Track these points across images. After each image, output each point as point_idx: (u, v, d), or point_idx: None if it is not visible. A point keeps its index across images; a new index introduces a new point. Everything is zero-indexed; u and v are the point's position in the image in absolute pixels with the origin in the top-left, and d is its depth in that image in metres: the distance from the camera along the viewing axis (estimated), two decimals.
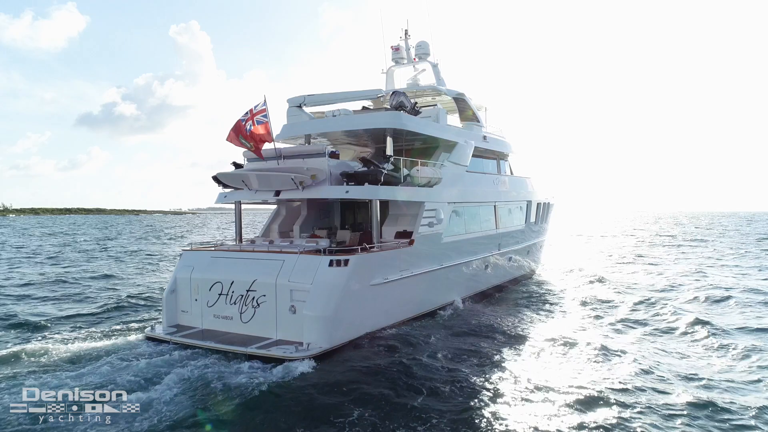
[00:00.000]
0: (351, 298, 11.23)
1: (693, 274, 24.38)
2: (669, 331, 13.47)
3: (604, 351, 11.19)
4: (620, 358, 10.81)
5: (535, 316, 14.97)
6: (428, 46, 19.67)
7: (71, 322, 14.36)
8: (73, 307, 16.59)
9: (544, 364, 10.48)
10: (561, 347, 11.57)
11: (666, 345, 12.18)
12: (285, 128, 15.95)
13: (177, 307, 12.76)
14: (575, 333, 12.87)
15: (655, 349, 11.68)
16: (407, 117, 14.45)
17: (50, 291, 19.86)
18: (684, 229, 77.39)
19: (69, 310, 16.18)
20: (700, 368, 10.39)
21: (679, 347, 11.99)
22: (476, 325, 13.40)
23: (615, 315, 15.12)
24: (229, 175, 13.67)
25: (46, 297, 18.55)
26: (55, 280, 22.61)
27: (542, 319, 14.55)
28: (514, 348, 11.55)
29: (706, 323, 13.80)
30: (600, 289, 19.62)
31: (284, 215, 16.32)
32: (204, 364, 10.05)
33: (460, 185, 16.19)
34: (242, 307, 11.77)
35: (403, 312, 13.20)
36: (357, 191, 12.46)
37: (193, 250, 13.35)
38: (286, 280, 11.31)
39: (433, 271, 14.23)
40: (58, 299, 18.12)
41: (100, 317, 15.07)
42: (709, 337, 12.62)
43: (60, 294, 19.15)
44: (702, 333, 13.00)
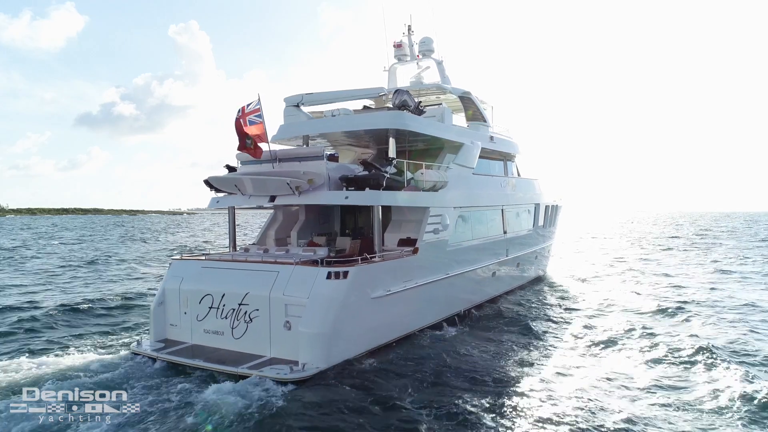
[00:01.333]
0: (350, 312, 10.40)
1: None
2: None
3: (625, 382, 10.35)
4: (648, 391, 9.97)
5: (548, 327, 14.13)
6: (432, 42, 18.88)
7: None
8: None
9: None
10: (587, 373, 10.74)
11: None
12: (282, 129, 15.13)
13: (165, 321, 11.96)
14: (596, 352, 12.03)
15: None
16: (411, 117, 13.63)
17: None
18: (699, 229, 76.44)
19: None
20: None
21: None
22: (478, 346, 12.54)
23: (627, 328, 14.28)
24: (221, 179, 12.85)
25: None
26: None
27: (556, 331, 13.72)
28: (526, 374, 10.72)
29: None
30: (613, 297, 18.76)
31: (281, 220, 15.50)
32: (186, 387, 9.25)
33: (466, 189, 15.35)
34: (234, 322, 10.95)
35: (407, 325, 12.37)
36: (357, 197, 11.63)
37: (182, 260, 12.53)
38: (280, 294, 10.48)
39: (438, 281, 13.39)
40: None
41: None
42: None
43: None
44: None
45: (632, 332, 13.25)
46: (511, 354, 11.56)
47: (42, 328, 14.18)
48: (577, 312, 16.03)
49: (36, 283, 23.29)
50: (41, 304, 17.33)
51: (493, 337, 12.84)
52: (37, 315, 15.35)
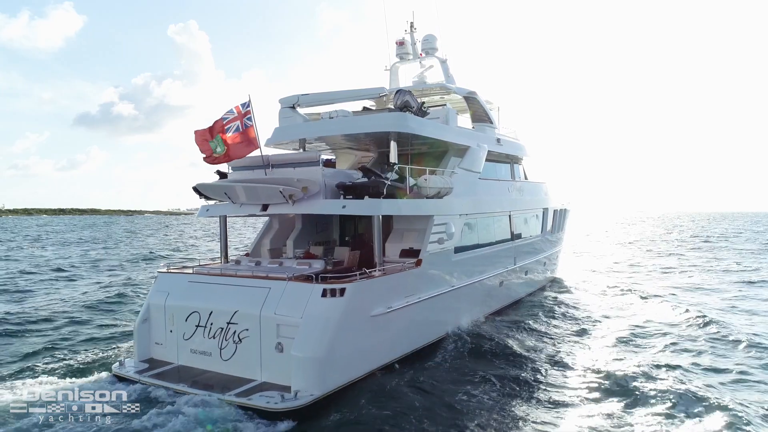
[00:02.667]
0: (348, 334, 9.52)
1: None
2: None
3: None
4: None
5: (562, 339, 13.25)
6: (436, 40, 18.00)
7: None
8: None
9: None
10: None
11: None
12: (276, 132, 14.27)
13: (150, 339, 11.13)
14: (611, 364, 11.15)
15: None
16: (413, 119, 12.76)
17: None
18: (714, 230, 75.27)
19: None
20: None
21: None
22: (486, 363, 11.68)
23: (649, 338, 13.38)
24: (210, 186, 11.99)
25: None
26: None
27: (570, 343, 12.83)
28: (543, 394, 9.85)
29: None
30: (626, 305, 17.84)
31: (276, 228, 14.63)
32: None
33: (472, 194, 14.47)
34: (222, 342, 10.11)
35: (410, 343, 11.49)
36: (355, 206, 10.76)
37: (169, 273, 11.67)
38: (271, 312, 9.63)
39: (443, 294, 12.51)
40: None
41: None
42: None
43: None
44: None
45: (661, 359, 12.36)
46: (526, 376, 10.70)
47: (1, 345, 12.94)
48: (590, 324, 15.14)
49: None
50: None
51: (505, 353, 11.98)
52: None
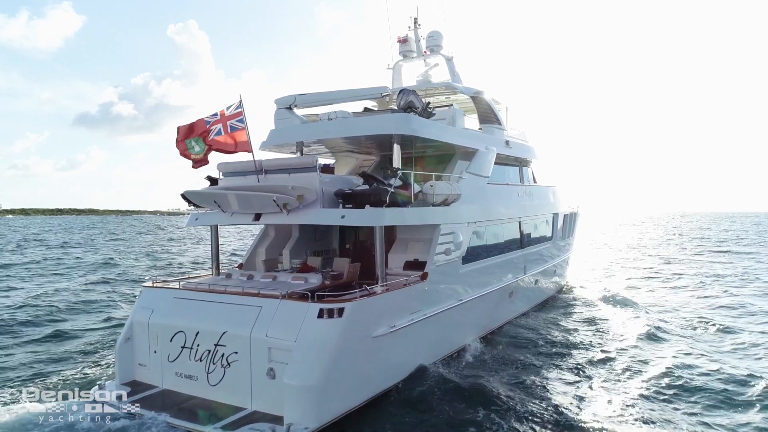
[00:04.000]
0: (347, 358, 8.62)
1: None
2: None
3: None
4: None
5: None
6: (441, 36, 17.08)
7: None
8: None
9: None
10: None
11: None
12: (272, 134, 13.38)
13: (133, 360, 10.26)
14: None
15: None
16: (418, 120, 11.87)
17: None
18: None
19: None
20: None
21: None
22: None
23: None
24: (199, 193, 11.09)
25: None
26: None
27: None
28: None
29: None
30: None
31: (272, 237, 13.74)
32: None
33: (481, 201, 13.56)
34: (209, 366, 9.22)
35: (414, 363, 10.58)
36: (356, 217, 9.86)
37: (154, 287, 10.79)
38: (262, 334, 8.74)
39: (450, 309, 11.61)
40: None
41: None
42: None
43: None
44: None
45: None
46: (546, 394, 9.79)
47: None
48: (607, 335, 14.23)
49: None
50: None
51: (516, 369, 11.08)
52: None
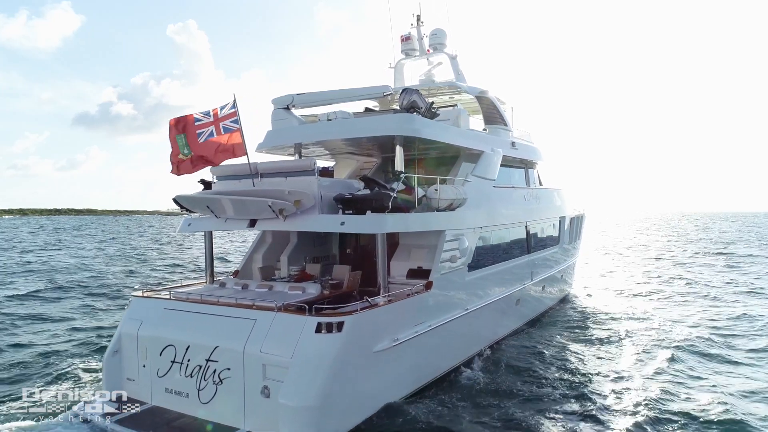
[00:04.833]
0: (347, 375, 8.08)
1: None
2: None
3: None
4: None
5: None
6: (445, 34, 16.54)
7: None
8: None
9: None
10: None
11: None
12: (269, 135, 12.84)
13: (122, 374, 9.72)
14: None
15: None
16: (422, 121, 11.33)
17: None
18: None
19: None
20: None
21: None
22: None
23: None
24: (192, 198, 10.54)
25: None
26: None
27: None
28: None
29: None
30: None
31: (270, 243, 13.18)
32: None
33: (487, 205, 13.00)
34: (200, 382, 8.69)
35: (419, 377, 10.05)
36: (356, 223, 9.31)
37: (143, 297, 10.25)
38: (257, 350, 8.20)
39: (455, 319, 11.05)
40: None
41: None
42: None
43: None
44: None
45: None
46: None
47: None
48: (617, 342, 13.66)
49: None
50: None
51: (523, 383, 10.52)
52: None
